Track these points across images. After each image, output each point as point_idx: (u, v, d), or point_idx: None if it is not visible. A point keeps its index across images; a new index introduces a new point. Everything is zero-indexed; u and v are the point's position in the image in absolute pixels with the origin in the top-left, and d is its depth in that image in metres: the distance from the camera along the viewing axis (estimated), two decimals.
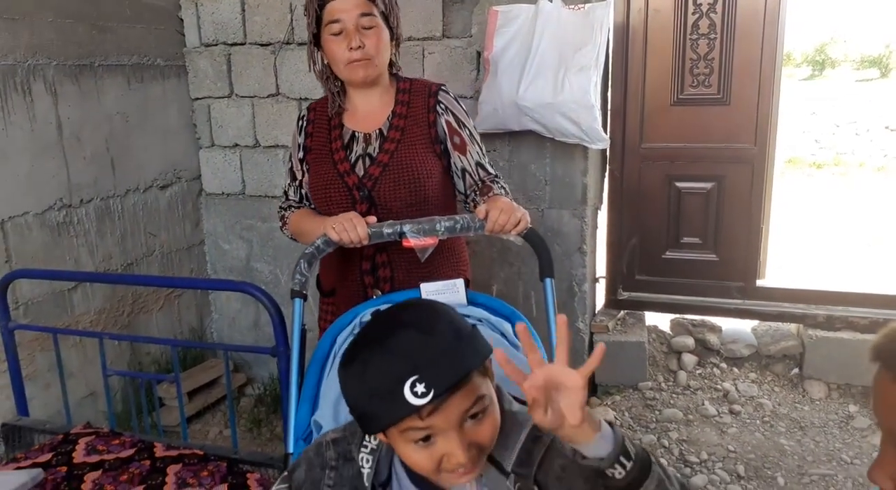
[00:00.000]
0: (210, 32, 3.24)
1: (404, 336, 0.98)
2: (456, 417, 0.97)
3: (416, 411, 0.93)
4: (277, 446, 2.99)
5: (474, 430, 0.99)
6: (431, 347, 0.96)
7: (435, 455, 0.98)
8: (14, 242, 2.59)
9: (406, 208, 1.79)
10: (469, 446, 0.98)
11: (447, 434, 0.97)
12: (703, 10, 2.90)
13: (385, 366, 0.96)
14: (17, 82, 2.57)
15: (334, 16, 1.73)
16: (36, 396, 2.63)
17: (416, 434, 0.97)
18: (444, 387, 0.93)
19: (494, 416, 1.02)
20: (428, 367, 0.94)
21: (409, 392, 0.93)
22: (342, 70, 1.78)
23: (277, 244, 3.39)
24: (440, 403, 0.94)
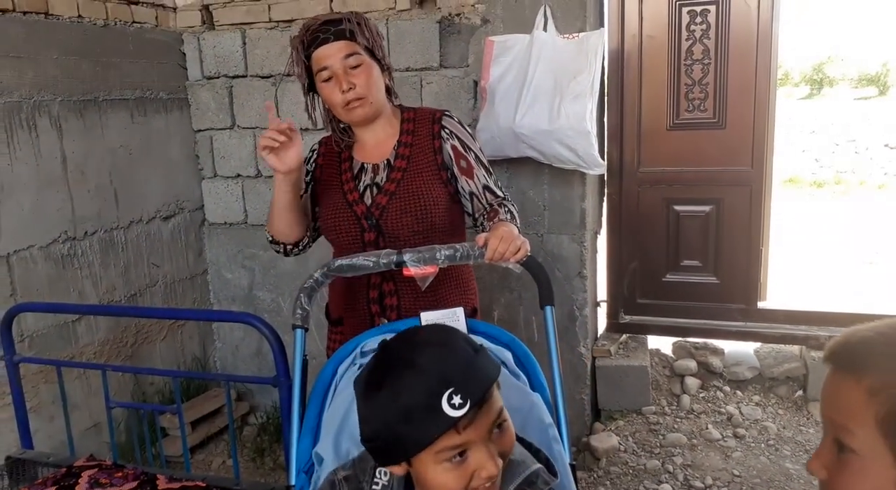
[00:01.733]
0: (212, 65, 3.30)
1: (429, 354, 0.99)
2: (487, 428, 0.99)
3: (455, 424, 0.95)
4: (280, 476, 2.98)
5: (500, 441, 1.02)
6: (458, 361, 0.98)
7: (466, 473, 0.98)
8: (19, 276, 2.62)
9: (413, 236, 1.82)
10: (498, 458, 1.00)
11: (479, 447, 0.98)
12: (696, 36, 2.95)
13: (419, 384, 0.96)
14: (23, 118, 2.61)
15: (322, 63, 1.77)
16: (40, 429, 2.63)
17: (451, 452, 0.97)
18: (478, 396, 0.96)
19: (512, 426, 1.05)
20: (461, 380, 0.96)
21: (447, 405, 0.94)
22: (341, 113, 1.82)
23: (279, 272, 3.41)
24: (475, 415, 0.96)
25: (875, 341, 0.79)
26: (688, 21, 2.94)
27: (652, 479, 2.74)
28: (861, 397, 0.77)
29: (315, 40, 1.77)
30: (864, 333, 0.81)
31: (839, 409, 0.80)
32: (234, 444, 2.22)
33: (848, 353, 0.81)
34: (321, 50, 1.77)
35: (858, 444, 0.78)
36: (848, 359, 0.80)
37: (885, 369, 0.76)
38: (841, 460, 0.80)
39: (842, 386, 0.80)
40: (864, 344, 0.80)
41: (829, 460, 0.82)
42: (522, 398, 1.47)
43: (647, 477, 2.76)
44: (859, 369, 0.78)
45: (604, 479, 2.78)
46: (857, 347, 0.80)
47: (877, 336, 0.80)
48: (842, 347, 0.82)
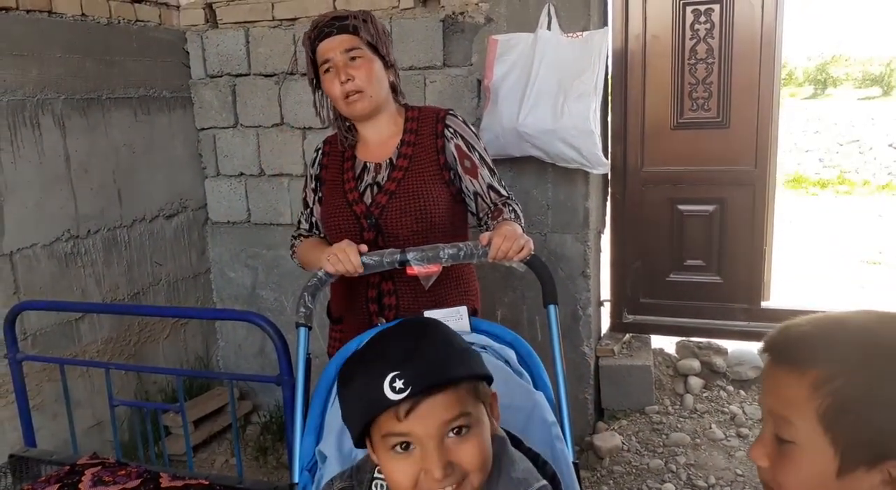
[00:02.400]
0: (215, 64, 3.30)
1: (395, 343, 1.00)
2: (435, 426, 0.95)
3: (393, 406, 0.94)
4: (283, 474, 2.99)
5: (456, 448, 0.97)
6: (418, 350, 0.97)
7: (413, 469, 0.96)
8: (22, 274, 2.62)
9: (413, 236, 1.82)
10: (449, 465, 0.95)
11: (426, 445, 0.95)
12: (700, 36, 2.94)
13: (372, 365, 0.98)
14: (27, 116, 2.62)
15: (324, 56, 1.81)
16: (43, 427, 2.64)
17: (395, 439, 0.96)
18: (422, 385, 0.94)
19: (482, 441, 0.99)
20: (410, 367, 0.95)
21: (388, 387, 0.93)
22: (341, 106, 1.84)
23: (282, 271, 3.41)
24: (417, 403, 0.94)
25: (815, 336, 0.81)
26: (692, 20, 2.93)
27: (655, 478, 2.74)
28: (803, 391, 0.78)
29: (320, 34, 1.81)
30: (804, 328, 0.82)
31: (780, 401, 0.82)
32: (237, 442, 2.22)
33: (789, 346, 0.82)
34: (324, 43, 1.80)
35: (798, 435, 0.80)
36: (789, 352, 0.82)
37: (827, 364, 0.78)
38: (781, 450, 0.82)
39: (783, 379, 0.81)
40: (806, 338, 0.81)
41: (770, 449, 0.84)
42: (526, 397, 1.47)
43: (651, 476, 2.75)
44: (801, 363, 0.80)
45: (607, 478, 2.78)
46: (798, 342, 0.82)
47: (816, 330, 0.82)
48: (782, 341, 0.83)
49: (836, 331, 0.81)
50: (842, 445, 0.77)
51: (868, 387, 0.76)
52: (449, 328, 1.07)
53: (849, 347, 0.78)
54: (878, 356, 0.77)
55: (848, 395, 0.76)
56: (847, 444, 0.77)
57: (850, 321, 0.81)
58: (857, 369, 0.77)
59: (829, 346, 0.79)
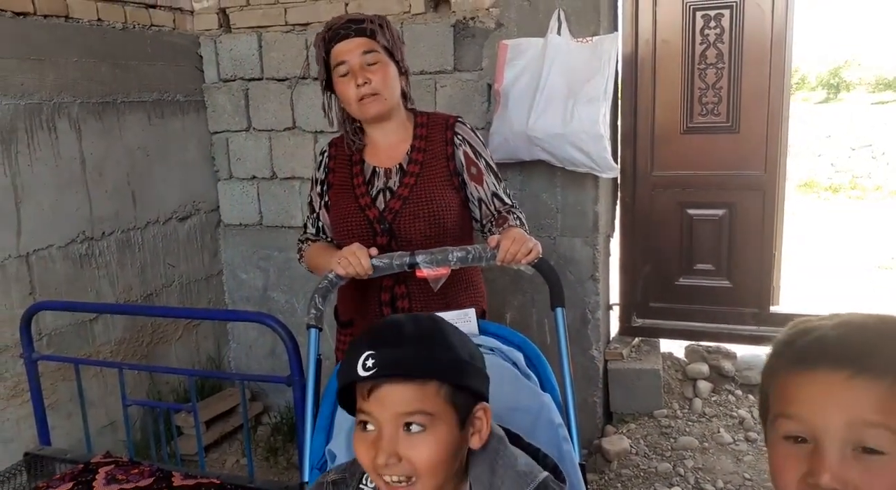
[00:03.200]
0: (228, 68, 3.33)
1: (396, 326, 1.04)
2: (390, 413, 0.98)
3: (357, 380, 0.99)
4: (294, 475, 3.01)
5: (407, 444, 0.99)
6: (407, 339, 1.01)
7: (370, 449, 1.00)
8: (38, 275, 2.66)
9: (425, 241, 1.83)
10: (394, 456, 0.98)
11: (380, 429, 0.99)
12: (710, 41, 2.95)
13: (361, 340, 1.03)
14: (43, 120, 2.66)
15: (339, 58, 1.80)
16: (58, 426, 2.67)
17: (361, 415, 1.01)
18: (386, 370, 0.97)
19: (437, 446, 1.00)
20: (387, 351, 0.99)
21: (361, 362, 0.98)
22: (354, 109, 1.84)
23: (294, 274, 3.43)
24: (378, 386, 0.98)
25: (882, 341, 0.79)
26: (702, 25, 2.94)
27: (663, 481, 2.74)
28: (889, 395, 0.76)
29: (336, 36, 1.80)
30: (865, 333, 0.80)
31: (867, 412, 0.77)
32: (248, 441, 2.24)
33: (860, 355, 0.78)
34: (340, 45, 1.80)
35: (892, 444, 0.76)
36: (863, 361, 0.78)
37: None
38: (864, 464, 0.78)
39: (865, 389, 0.77)
40: (879, 346, 0.78)
41: (841, 469, 0.78)
42: (533, 398, 1.48)
43: (659, 480, 2.76)
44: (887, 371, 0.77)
45: (615, 481, 2.79)
46: (874, 350, 0.78)
47: (881, 337, 0.79)
48: (844, 348, 0.79)
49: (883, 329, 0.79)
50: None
51: None
52: (465, 337, 1.08)
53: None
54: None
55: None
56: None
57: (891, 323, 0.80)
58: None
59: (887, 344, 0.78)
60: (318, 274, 1.91)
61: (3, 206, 2.53)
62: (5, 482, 2.26)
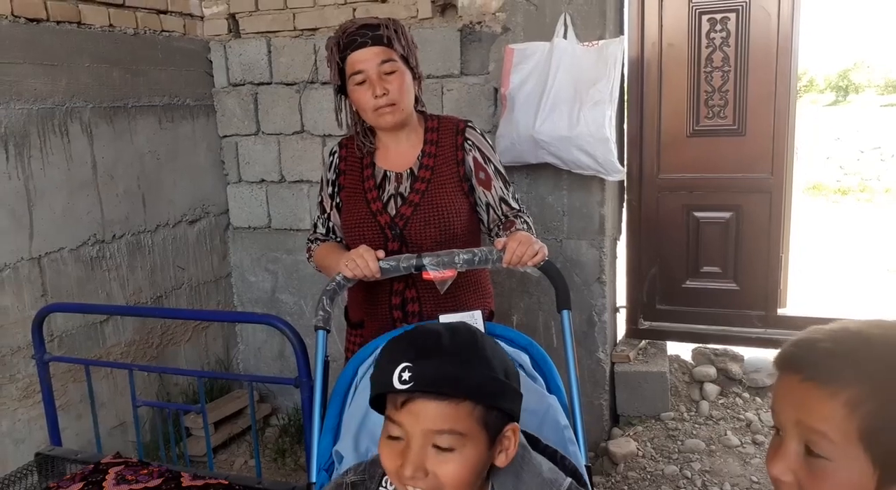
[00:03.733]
0: (238, 73, 3.37)
1: (434, 338, 1.02)
2: (421, 428, 0.98)
3: (393, 392, 0.99)
4: (301, 476, 3.03)
5: (435, 462, 0.99)
6: (445, 354, 1.00)
7: (396, 458, 1.01)
8: (50, 277, 2.69)
9: (435, 246, 1.84)
10: (420, 470, 0.98)
11: (409, 442, 0.99)
12: (716, 44, 2.96)
13: (399, 346, 1.03)
14: (56, 124, 2.69)
15: (356, 67, 1.79)
16: (68, 426, 2.70)
17: (391, 427, 1.01)
18: (422, 385, 0.97)
19: (465, 466, 1.00)
20: (425, 365, 0.98)
21: (397, 374, 0.98)
22: (370, 117, 1.84)
23: (302, 276, 3.46)
24: (412, 399, 0.98)
25: (841, 353, 0.80)
26: (707, 29, 2.95)
27: (670, 484, 2.75)
28: (839, 411, 0.78)
29: (352, 43, 1.79)
30: (826, 344, 0.82)
31: (812, 417, 0.81)
32: (256, 442, 2.26)
33: (816, 363, 0.81)
34: (357, 53, 1.78)
35: (835, 452, 0.79)
36: (817, 370, 0.81)
37: (859, 384, 0.78)
38: (811, 465, 0.82)
39: (813, 396, 0.81)
40: (832, 356, 0.81)
41: (795, 464, 0.83)
42: (539, 400, 1.49)
43: (665, 482, 2.76)
44: (832, 382, 0.79)
45: (621, 484, 2.79)
46: (825, 359, 0.81)
47: (840, 347, 0.81)
48: (807, 356, 0.83)
49: (860, 347, 0.80)
50: (881, 463, 0.77)
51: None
52: (501, 353, 1.07)
53: (878, 365, 0.78)
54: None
55: (887, 414, 0.77)
56: (887, 462, 0.77)
57: (872, 336, 0.81)
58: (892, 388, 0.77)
59: (857, 364, 0.79)
60: (326, 274, 1.93)
61: (16, 210, 2.57)
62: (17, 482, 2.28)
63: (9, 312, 2.56)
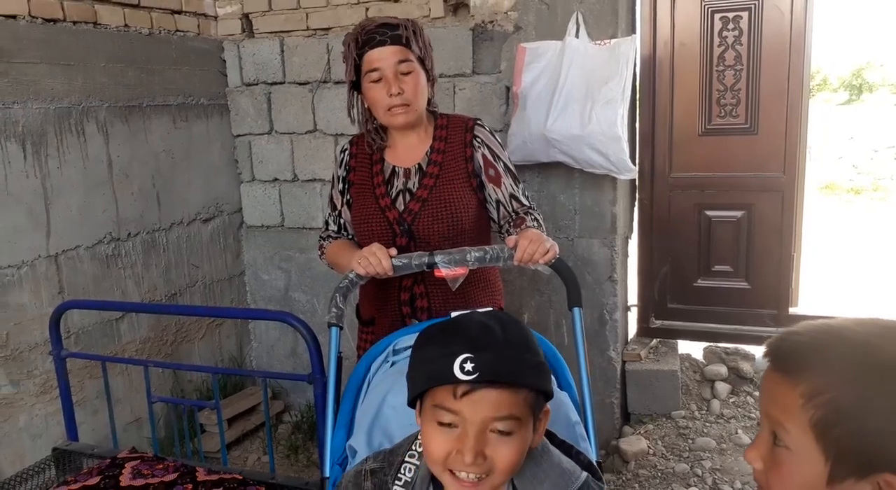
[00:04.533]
0: (251, 72, 3.39)
1: (481, 329, 1.04)
2: (482, 416, 1.00)
3: (456, 383, 0.99)
4: (314, 472, 3.05)
5: (494, 446, 1.02)
6: (499, 344, 1.02)
7: (449, 445, 1.02)
8: (67, 274, 2.73)
9: (444, 241, 1.86)
10: (480, 456, 1.01)
11: (468, 429, 1.01)
12: (728, 43, 2.95)
13: (453, 340, 1.04)
14: (72, 123, 2.73)
15: (373, 64, 1.80)
16: (84, 422, 2.73)
17: (444, 415, 1.02)
18: (488, 375, 0.99)
19: (519, 449, 1.04)
20: (485, 355, 1.00)
21: (458, 365, 0.99)
22: (382, 115, 1.85)
23: (314, 274, 3.48)
24: (476, 389, 0.99)
25: (810, 346, 0.82)
26: (720, 27, 2.95)
27: (681, 482, 2.75)
28: (796, 400, 0.80)
29: (370, 41, 1.80)
30: (801, 337, 0.84)
31: (776, 407, 0.84)
32: (270, 438, 2.28)
33: (784, 355, 0.84)
34: (375, 51, 1.80)
35: (792, 441, 0.82)
36: (784, 360, 0.84)
37: (817, 376, 0.80)
38: (775, 453, 0.85)
39: (779, 386, 0.83)
40: (800, 348, 0.83)
41: (764, 452, 0.86)
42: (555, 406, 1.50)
43: (676, 480, 2.76)
44: (794, 373, 0.82)
45: (632, 481, 2.80)
46: (793, 351, 0.83)
47: (811, 340, 0.83)
48: (778, 348, 0.85)
49: (831, 342, 0.82)
50: (832, 455, 0.79)
51: (859, 400, 0.77)
52: (537, 339, 1.11)
53: (842, 360, 0.80)
54: (870, 370, 0.78)
55: (838, 407, 0.78)
56: (838, 454, 0.79)
57: (849, 332, 0.82)
58: (848, 382, 0.78)
59: (823, 357, 0.81)
60: (338, 271, 1.95)
61: (33, 208, 2.60)
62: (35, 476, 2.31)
63: (27, 309, 2.59)
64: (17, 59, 2.52)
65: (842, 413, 0.77)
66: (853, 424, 0.77)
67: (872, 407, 0.76)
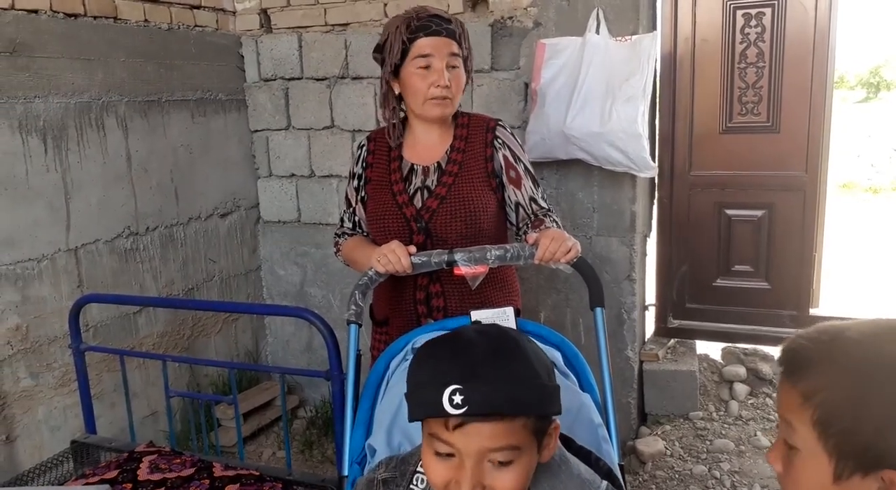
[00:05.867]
0: (269, 68, 3.39)
1: (477, 347, 0.99)
2: (477, 449, 0.96)
3: (444, 417, 0.95)
4: (329, 469, 3.05)
5: (493, 476, 0.98)
6: (492, 371, 0.96)
7: (448, 473, 0.99)
8: (86, 268, 2.74)
9: (461, 240, 1.84)
10: (479, 487, 0.97)
11: (464, 461, 0.97)
12: (750, 40, 2.92)
13: (442, 365, 0.98)
14: (92, 118, 2.73)
15: (424, 50, 1.79)
16: (102, 415, 2.74)
17: (439, 445, 0.98)
18: (477, 409, 0.94)
19: (521, 475, 1.00)
20: (475, 386, 0.94)
21: (447, 398, 0.94)
22: (420, 104, 1.84)
23: (330, 270, 3.48)
24: (466, 423, 0.95)
25: (810, 347, 0.85)
26: (742, 24, 2.91)
27: (698, 484, 2.73)
28: (798, 400, 0.83)
29: (425, 28, 1.79)
30: (802, 340, 0.87)
31: (783, 407, 0.87)
32: (286, 434, 2.28)
33: (789, 357, 0.88)
34: (430, 39, 1.79)
35: (800, 442, 0.84)
36: (789, 363, 0.87)
37: (814, 375, 0.83)
38: (789, 456, 0.87)
39: (784, 387, 0.87)
40: (801, 350, 0.86)
41: (783, 454, 0.88)
42: (572, 398, 1.48)
43: (694, 482, 2.74)
44: (795, 374, 0.85)
45: (649, 483, 2.78)
46: (795, 353, 0.87)
47: (811, 342, 0.86)
48: (785, 351, 0.89)
49: (830, 342, 0.84)
50: (836, 452, 0.81)
51: (856, 397, 0.79)
52: (540, 352, 1.05)
53: (837, 359, 0.82)
54: (863, 368, 0.80)
55: (836, 404, 0.80)
56: (841, 452, 0.80)
57: (847, 333, 0.84)
58: (841, 380, 0.80)
59: (820, 357, 0.83)
60: (354, 268, 1.94)
61: (53, 202, 2.61)
62: (53, 468, 2.33)
63: (46, 302, 2.61)
64: (38, 53, 2.53)
65: (839, 409, 0.80)
66: (850, 422, 0.79)
67: (867, 404, 0.78)
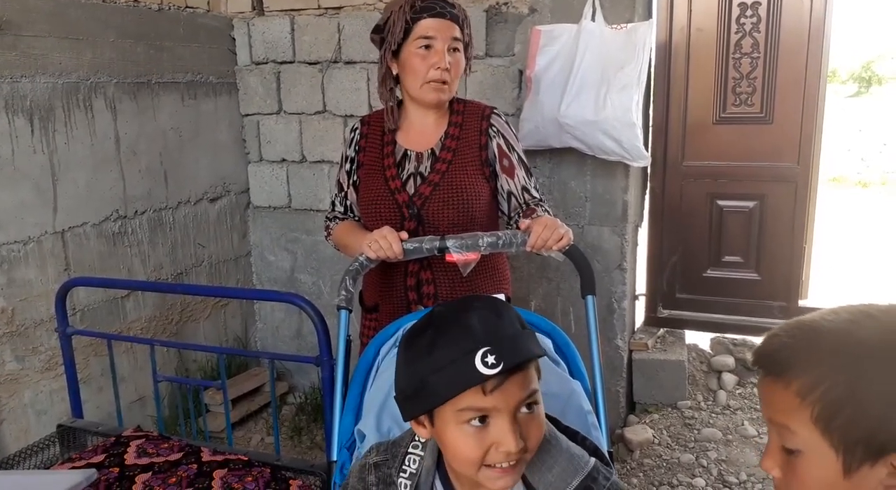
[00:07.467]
0: (261, 51, 3.35)
1: (477, 316, 1.00)
2: (514, 401, 0.98)
3: (483, 381, 0.95)
4: (317, 454, 3.05)
5: (526, 423, 1.00)
6: (503, 328, 0.99)
7: (484, 442, 0.98)
8: (73, 251, 2.71)
9: (452, 228, 1.83)
10: (521, 439, 0.98)
11: (503, 418, 0.97)
12: (746, 30, 2.91)
13: (458, 339, 0.98)
14: (80, 99, 2.70)
15: (427, 32, 1.78)
16: (89, 399, 2.73)
17: (474, 414, 0.97)
18: (513, 362, 0.95)
19: (542, 418, 1.04)
20: (499, 342, 0.96)
21: (480, 362, 0.94)
22: (418, 87, 1.82)
23: (321, 256, 3.46)
24: (504, 380, 0.96)
25: (791, 345, 0.84)
26: (738, 14, 2.90)
27: (685, 472, 2.74)
28: (793, 400, 0.82)
29: (430, 9, 1.78)
30: (781, 338, 0.86)
31: (777, 413, 0.85)
32: (275, 419, 2.27)
33: (770, 359, 0.86)
34: (434, 21, 1.78)
35: (801, 443, 0.83)
36: (772, 364, 0.86)
37: (807, 372, 0.81)
38: (790, 460, 0.85)
39: (774, 391, 0.85)
40: (783, 348, 0.84)
41: (780, 460, 0.87)
42: (562, 385, 1.48)
43: (681, 470, 2.76)
44: (783, 374, 0.83)
45: (637, 470, 2.79)
46: (777, 353, 0.85)
47: (791, 339, 0.84)
48: (763, 354, 0.87)
49: (811, 336, 0.83)
50: (842, 446, 0.80)
51: (852, 387, 0.78)
52: (507, 304, 1.09)
53: (825, 351, 0.81)
54: (854, 356, 0.79)
55: (834, 398, 0.79)
56: (846, 444, 0.79)
57: (824, 324, 0.83)
58: (836, 371, 0.79)
59: (807, 353, 0.82)
60: (345, 253, 1.92)
61: (40, 184, 2.58)
62: (39, 452, 2.31)
63: (32, 285, 2.58)
64: (25, 32, 2.48)
65: (838, 402, 0.79)
66: (852, 411, 0.78)
67: (865, 390, 0.78)
